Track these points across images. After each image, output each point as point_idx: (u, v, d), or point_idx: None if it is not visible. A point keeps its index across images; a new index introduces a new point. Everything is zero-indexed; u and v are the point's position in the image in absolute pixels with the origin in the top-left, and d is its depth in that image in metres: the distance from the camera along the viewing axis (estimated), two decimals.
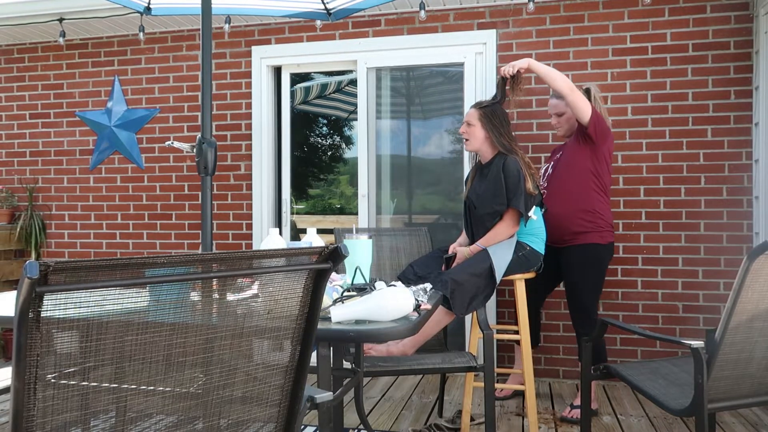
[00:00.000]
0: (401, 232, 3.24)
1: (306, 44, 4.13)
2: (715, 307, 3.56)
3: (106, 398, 0.99)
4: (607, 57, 3.71)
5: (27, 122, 4.62)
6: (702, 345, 1.79)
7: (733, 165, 3.55)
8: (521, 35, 3.83)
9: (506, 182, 2.75)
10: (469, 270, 2.66)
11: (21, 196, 4.59)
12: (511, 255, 2.74)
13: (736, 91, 3.55)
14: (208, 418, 1.13)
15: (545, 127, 3.79)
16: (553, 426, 3.00)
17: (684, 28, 3.62)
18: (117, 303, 0.95)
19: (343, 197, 10.35)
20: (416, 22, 3.96)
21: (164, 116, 4.37)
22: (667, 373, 2.19)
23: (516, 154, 2.82)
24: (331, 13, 3.05)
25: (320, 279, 1.24)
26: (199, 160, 2.20)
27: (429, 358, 2.53)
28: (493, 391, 2.51)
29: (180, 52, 4.34)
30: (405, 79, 4.29)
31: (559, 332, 3.76)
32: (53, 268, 0.84)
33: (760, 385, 1.90)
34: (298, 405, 1.29)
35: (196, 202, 4.32)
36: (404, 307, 1.66)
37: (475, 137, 2.89)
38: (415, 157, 4.30)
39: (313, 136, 10.46)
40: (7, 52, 4.64)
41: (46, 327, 0.88)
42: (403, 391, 3.58)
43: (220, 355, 1.11)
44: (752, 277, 1.74)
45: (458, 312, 2.62)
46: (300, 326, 1.24)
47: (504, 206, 2.76)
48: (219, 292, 1.11)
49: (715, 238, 3.56)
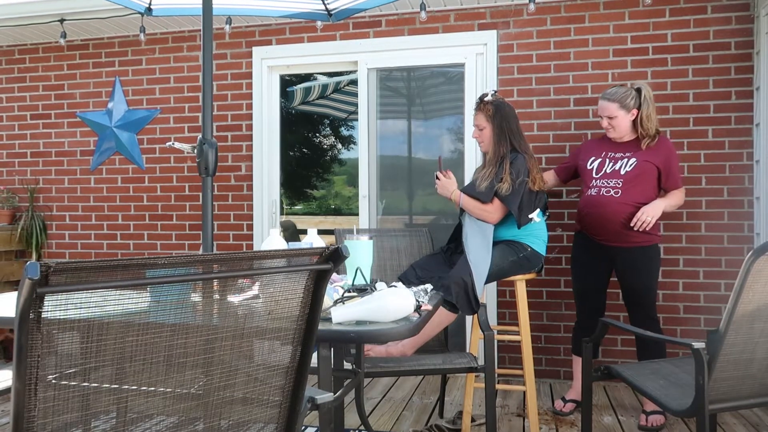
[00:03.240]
0: (402, 232, 3.24)
1: (306, 45, 4.13)
2: (716, 307, 3.56)
3: (106, 399, 0.99)
4: (607, 57, 3.71)
5: (28, 123, 4.62)
6: (703, 345, 1.79)
7: (733, 166, 3.55)
8: (522, 36, 3.83)
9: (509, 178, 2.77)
10: (468, 271, 2.66)
11: (22, 196, 4.60)
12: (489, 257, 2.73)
13: (737, 91, 3.55)
14: (209, 419, 1.13)
15: (545, 128, 3.79)
16: (554, 427, 3.00)
17: (685, 29, 3.62)
18: (118, 304, 0.95)
19: (339, 197, 10.34)
20: (417, 22, 3.96)
21: (165, 117, 4.37)
22: (668, 374, 2.19)
23: (525, 153, 2.83)
24: (332, 14, 3.05)
25: (321, 280, 1.24)
26: (199, 160, 2.20)
27: (430, 359, 2.52)
28: (494, 391, 2.50)
29: (181, 52, 4.34)
30: (406, 80, 4.29)
31: (560, 333, 3.75)
32: (54, 269, 0.84)
33: (761, 385, 1.90)
34: (299, 406, 1.29)
35: (196, 203, 4.32)
36: (405, 307, 1.66)
37: (487, 139, 2.90)
38: (415, 157, 4.30)
39: (318, 136, 10.45)
40: (8, 53, 4.65)
41: (47, 328, 0.88)
42: (403, 391, 3.57)
43: (220, 356, 1.11)
44: (753, 277, 1.74)
45: (468, 312, 2.62)
46: (301, 327, 1.24)
47: (488, 198, 2.76)
48: (220, 293, 1.11)
49: (716, 239, 3.56)
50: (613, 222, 2.98)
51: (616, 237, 3.02)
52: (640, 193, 2.98)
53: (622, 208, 2.97)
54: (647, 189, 3.00)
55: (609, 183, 3.03)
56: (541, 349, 3.75)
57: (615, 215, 2.97)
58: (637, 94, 3.01)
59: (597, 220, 3.03)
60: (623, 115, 3.02)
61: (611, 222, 2.98)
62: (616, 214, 2.97)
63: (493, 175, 2.80)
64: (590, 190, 3.07)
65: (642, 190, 2.99)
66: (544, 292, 3.79)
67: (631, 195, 2.97)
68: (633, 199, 2.97)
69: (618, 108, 3.01)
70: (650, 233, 3.00)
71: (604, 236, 3.05)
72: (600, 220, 3.02)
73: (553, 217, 3.72)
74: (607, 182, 3.04)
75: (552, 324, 3.77)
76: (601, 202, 3.01)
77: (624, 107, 3.01)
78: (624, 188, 2.98)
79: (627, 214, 2.96)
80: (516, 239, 2.83)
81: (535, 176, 2.82)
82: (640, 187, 2.99)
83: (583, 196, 3.13)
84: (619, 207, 2.97)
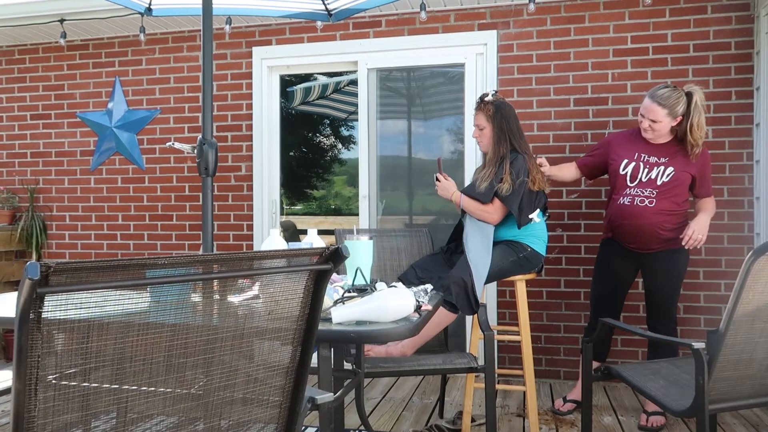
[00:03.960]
0: (402, 233, 3.24)
1: (306, 45, 4.13)
2: (716, 308, 3.56)
3: (106, 399, 0.99)
4: (608, 57, 3.71)
5: (28, 123, 4.62)
6: (703, 346, 1.79)
7: (734, 166, 3.55)
8: (522, 36, 3.83)
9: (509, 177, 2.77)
10: (468, 271, 2.66)
11: (22, 197, 4.60)
12: (489, 257, 2.73)
13: (737, 91, 3.55)
14: (209, 419, 1.13)
15: (545, 128, 3.79)
16: (554, 427, 3.00)
17: (685, 29, 3.62)
18: (118, 304, 0.95)
19: (339, 198, 10.33)
20: (417, 23, 3.96)
21: (165, 117, 4.37)
22: (668, 374, 2.19)
23: (525, 154, 2.83)
24: (332, 14, 3.05)
25: (321, 280, 1.24)
26: (199, 161, 2.20)
27: (430, 359, 2.52)
28: (494, 392, 2.50)
29: (181, 53, 4.34)
30: (405, 80, 4.29)
31: (560, 333, 3.75)
32: (54, 269, 0.84)
33: (761, 386, 1.90)
34: (299, 406, 1.29)
35: (196, 203, 4.32)
36: (405, 307, 1.66)
37: (487, 139, 2.90)
38: (415, 158, 4.30)
39: (318, 136, 10.45)
40: (8, 53, 4.65)
41: (47, 328, 0.88)
42: (403, 392, 3.57)
43: (220, 356, 1.11)
44: (753, 278, 1.74)
45: (468, 312, 2.62)
46: (301, 327, 1.24)
47: (488, 198, 2.76)
48: (220, 293, 1.11)
49: (716, 239, 3.56)
50: (649, 231, 2.94)
51: (649, 244, 2.99)
52: (672, 200, 2.94)
53: (656, 218, 2.93)
54: (679, 196, 2.96)
55: (644, 192, 2.95)
56: (541, 349, 3.75)
57: (651, 226, 2.93)
58: (687, 101, 2.87)
59: (632, 230, 2.99)
60: (668, 122, 2.90)
61: (647, 232, 2.95)
62: (651, 225, 2.93)
63: (492, 176, 2.80)
64: (623, 199, 3.00)
65: (674, 198, 2.95)
66: (544, 292, 3.79)
67: (664, 204, 2.93)
68: (665, 208, 2.93)
69: (666, 114, 2.87)
70: (677, 238, 2.94)
71: (637, 244, 3.03)
72: (635, 230, 2.98)
73: (553, 217, 3.72)
74: (641, 191, 2.95)
75: (552, 324, 3.77)
76: (635, 213, 2.95)
77: (672, 114, 2.88)
78: (658, 197, 2.93)
79: (661, 222, 2.93)
80: (516, 239, 2.83)
81: (535, 176, 2.81)
82: (673, 195, 2.94)
83: (615, 204, 3.04)
84: (654, 217, 2.93)
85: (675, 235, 2.93)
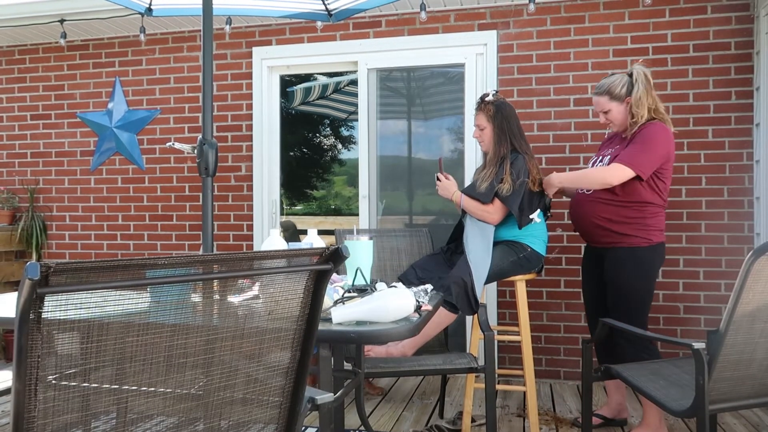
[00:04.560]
0: (402, 233, 3.24)
1: (306, 45, 4.13)
2: (716, 308, 3.56)
3: (106, 399, 0.99)
4: (607, 58, 3.71)
5: (28, 123, 4.62)
6: (703, 346, 1.79)
7: (733, 166, 3.55)
8: (522, 36, 3.83)
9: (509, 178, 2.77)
10: (468, 271, 2.66)
11: (22, 197, 4.60)
12: (489, 257, 2.72)
13: (737, 91, 3.55)
14: (209, 419, 1.13)
15: (545, 128, 3.79)
16: (554, 427, 3.00)
17: (685, 29, 3.62)
18: (118, 304, 0.95)
19: (339, 198, 10.33)
20: (417, 23, 3.96)
21: (165, 117, 4.37)
22: (668, 374, 2.19)
23: (526, 154, 2.83)
24: (332, 14, 3.05)
25: (321, 280, 1.24)
26: (199, 161, 2.20)
27: (430, 359, 2.52)
28: (494, 392, 2.50)
29: (181, 53, 4.34)
30: (405, 80, 4.29)
31: (560, 333, 3.75)
32: (54, 270, 0.84)
33: (761, 386, 1.90)
34: (299, 406, 1.29)
35: (196, 204, 4.32)
36: (405, 308, 1.66)
37: (488, 139, 2.89)
38: (415, 158, 4.30)
39: (318, 136, 10.45)
40: (8, 54, 4.65)
41: (47, 328, 0.88)
42: (404, 392, 3.57)
43: (220, 357, 1.11)
44: (753, 278, 1.74)
45: (468, 313, 2.62)
46: (301, 327, 1.24)
47: (488, 199, 2.76)
48: (220, 293, 1.11)
49: (716, 239, 3.56)
50: (586, 221, 2.82)
51: (593, 236, 2.85)
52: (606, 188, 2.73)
53: (591, 207, 2.77)
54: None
55: None
56: (541, 350, 3.75)
57: (586, 214, 2.80)
58: (629, 79, 2.72)
59: (575, 219, 2.91)
60: (616, 107, 2.74)
61: (585, 222, 2.83)
62: (586, 213, 2.80)
63: (493, 176, 2.80)
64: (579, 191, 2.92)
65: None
66: (544, 293, 3.79)
67: (598, 192, 2.75)
68: (599, 196, 2.75)
69: (609, 100, 2.75)
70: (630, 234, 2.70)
71: (586, 238, 2.92)
72: (576, 219, 2.90)
73: (554, 217, 3.72)
74: None
75: (552, 324, 3.77)
76: (576, 201, 2.87)
77: (615, 98, 2.74)
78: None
79: (596, 212, 2.75)
80: (516, 239, 2.83)
81: (535, 177, 2.81)
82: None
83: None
84: (589, 205, 2.78)
85: (623, 230, 2.70)
